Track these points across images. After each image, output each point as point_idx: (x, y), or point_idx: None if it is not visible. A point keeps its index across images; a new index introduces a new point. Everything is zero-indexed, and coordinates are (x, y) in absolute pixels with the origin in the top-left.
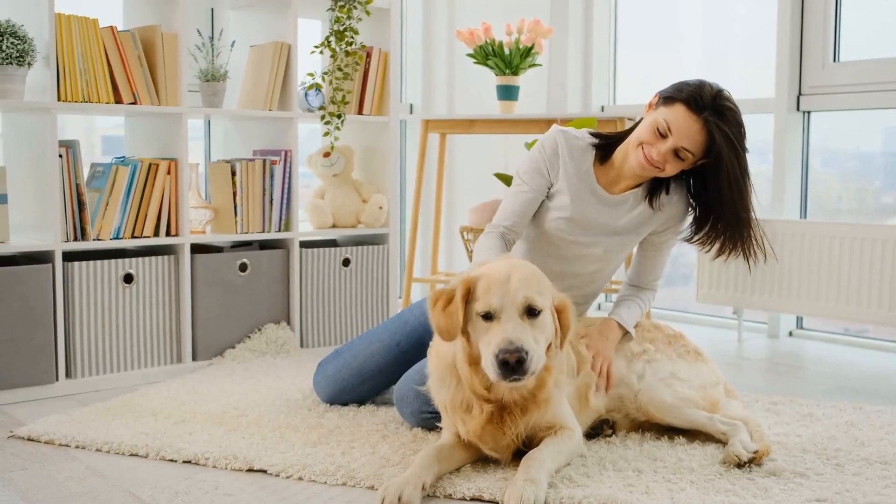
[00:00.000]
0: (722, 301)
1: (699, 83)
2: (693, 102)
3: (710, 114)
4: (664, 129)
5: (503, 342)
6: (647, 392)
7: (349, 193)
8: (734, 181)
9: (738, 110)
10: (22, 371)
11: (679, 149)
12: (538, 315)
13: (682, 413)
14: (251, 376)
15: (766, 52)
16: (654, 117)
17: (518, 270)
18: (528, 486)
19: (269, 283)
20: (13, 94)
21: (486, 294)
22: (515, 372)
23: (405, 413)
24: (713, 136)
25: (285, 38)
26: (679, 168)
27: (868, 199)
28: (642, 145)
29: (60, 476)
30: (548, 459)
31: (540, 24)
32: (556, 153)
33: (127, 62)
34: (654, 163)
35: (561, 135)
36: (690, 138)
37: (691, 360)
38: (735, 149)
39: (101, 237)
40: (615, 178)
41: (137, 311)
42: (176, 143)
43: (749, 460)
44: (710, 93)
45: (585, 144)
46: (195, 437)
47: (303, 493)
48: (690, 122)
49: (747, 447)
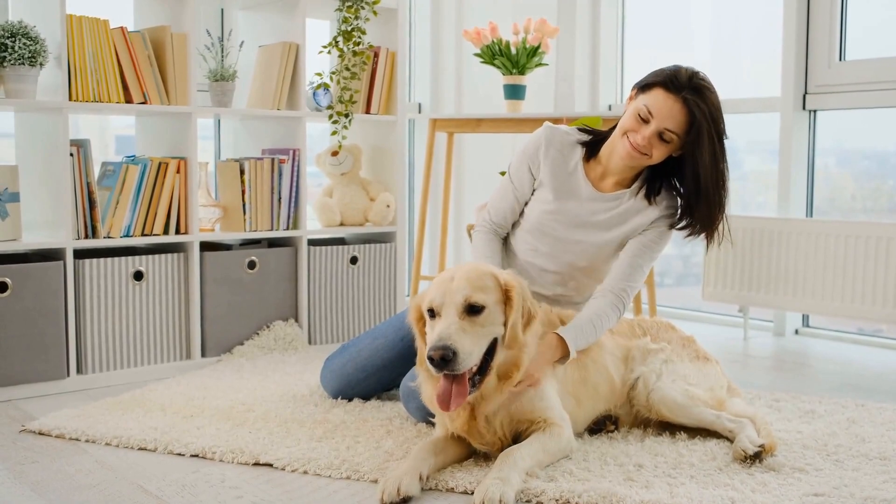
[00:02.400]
0: (728, 299)
1: (675, 67)
2: (671, 83)
3: (689, 92)
4: (645, 114)
5: (434, 339)
6: (661, 391)
7: (357, 192)
8: (713, 160)
9: (714, 91)
10: (34, 366)
11: (663, 130)
12: (480, 312)
13: (692, 412)
14: (259, 372)
15: (773, 51)
16: (634, 105)
17: (463, 269)
18: (496, 483)
19: (277, 280)
20: (25, 94)
21: (430, 292)
22: (445, 368)
23: (411, 408)
24: (693, 113)
25: (294, 39)
26: (665, 151)
27: (882, 198)
28: (627, 134)
29: (70, 469)
30: (526, 457)
31: (546, 24)
32: (538, 149)
33: (137, 62)
34: (641, 148)
35: (549, 130)
36: (673, 118)
37: (701, 364)
38: (716, 124)
39: (112, 235)
40: (603, 174)
41: (147, 307)
42: (185, 143)
43: (755, 454)
44: (687, 73)
45: (574, 141)
46: (203, 431)
47: (307, 486)
48: (670, 102)
49: (753, 441)
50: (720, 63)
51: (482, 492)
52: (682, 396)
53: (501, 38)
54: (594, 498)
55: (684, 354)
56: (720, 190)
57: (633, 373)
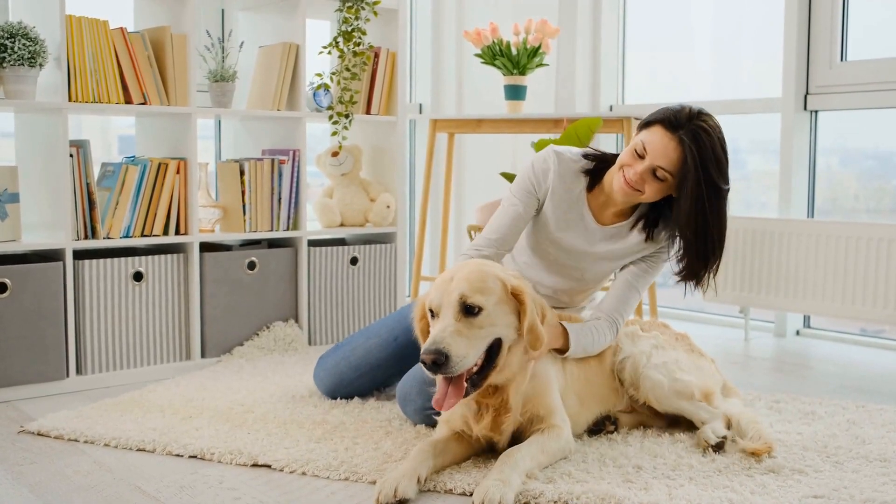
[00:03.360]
0: (729, 300)
1: (680, 105)
2: (669, 122)
3: (685, 133)
4: (641, 150)
5: (427, 342)
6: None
7: (357, 192)
8: (697, 207)
9: (714, 133)
10: (33, 367)
11: (656, 168)
12: (477, 313)
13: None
14: (258, 373)
15: (774, 51)
16: (634, 140)
17: (463, 269)
18: (497, 485)
19: (277, 281)
20: (25, 94)
21: (431, 291)
22: (438, 371)
23: (408, 410)
24: (685, 154)
25: (294, 39)
26: (659, 191)
27: (886, 198)
28: (623, 168)
29: (69, 470)
30: (527, 458)
31: (547, 24)
32: (547, 174)
33: (137, 63)
34: (633, 184)
35: (554, 156)
36: (666, 156)
37: (695, 357)
38: (706, 171)
39: (112, 236)
40: (605, 203)
41: (147, 308)
42: (185, 143)
43: (717, 445)
44: (688, 113)
45: (578, 168)
46: (201, 432)
47: (306, 487)
48: (665, 139)
49: (717, 432)
50: (721, 64)
51: (482, 493)
52: (669, 380)
53: (502, 39)
54: (593, 500)
55: (677, 345)
56: (704, 237)
57: (622, 353)
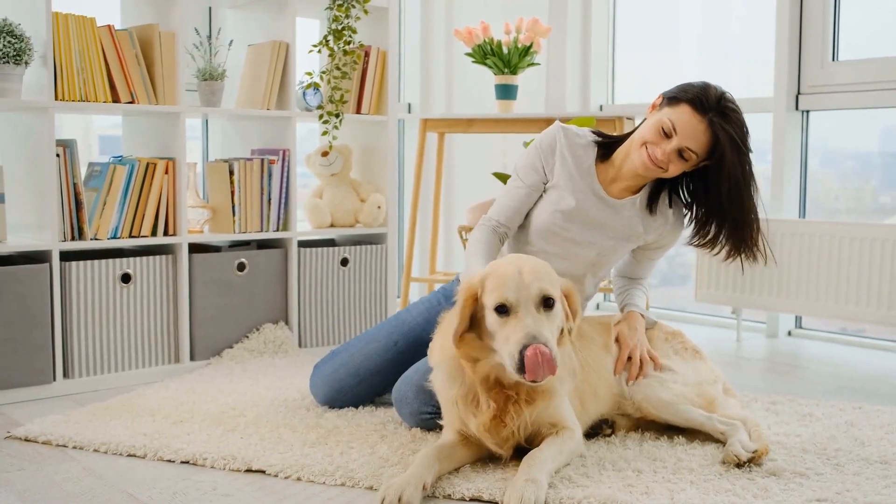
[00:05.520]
0: (720, 301)
1: (704, 85)
2: (698, 103)
3: (715, 114)
4: (669, 129)
5: (525, 337)
6: (642, 388)
7: (347, 193)
8: (735, 183)
9: (741, 113)
10: (19, 371)
11: (683, 149)
12: (552, 306)
13: (678, 410)
14: (249, 376)
15: (765, 51)
16: (658, 117)
17: (527, 263)
18: (529, 486)
19: (267, 282)
20: (10, 93)
21: (499, 288)
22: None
23: (404, 413)
24: (717, 136)
25: (283, 38)
26: (682, 168)
27: (866, 198)
28: (646, 145)
29: (58, 477)
30: (549, 459)
31: (538, 24)
32: (553, 149)
33: (124, 61)
34: (658, 162)
35: (561, 131)
36: (695, 138)
37: (688, 358)
38: (739, 150)
39: (99, 237)
40: (614, 178)
41: (135, 310)
42: (173, 143)
43: (749, 460)
44: (715, 94)
45: (587, 142)
46: (193, 437)
47: (301, 493)
48: (695, 122)
49: (746, 447)
50: (711, 63)
51: (517, 496)
52: (666, 393)
53: (493, 38)
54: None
55: (666, 348)
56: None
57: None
